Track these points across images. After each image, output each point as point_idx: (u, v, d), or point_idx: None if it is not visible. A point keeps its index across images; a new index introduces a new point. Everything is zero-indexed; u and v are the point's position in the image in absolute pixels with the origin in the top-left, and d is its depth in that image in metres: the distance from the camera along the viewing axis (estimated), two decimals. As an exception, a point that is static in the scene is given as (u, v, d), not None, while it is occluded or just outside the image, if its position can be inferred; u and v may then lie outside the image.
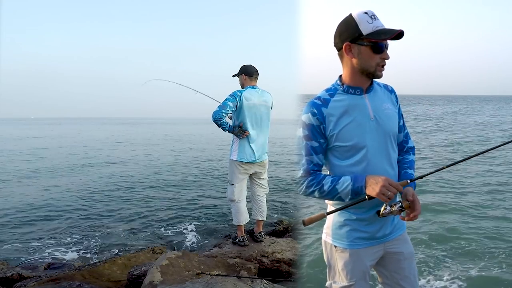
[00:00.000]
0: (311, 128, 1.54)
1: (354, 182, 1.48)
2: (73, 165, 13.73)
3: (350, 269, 1.65)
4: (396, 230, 1.69)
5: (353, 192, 1.48)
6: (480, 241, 4.78)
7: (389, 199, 1.42)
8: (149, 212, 7.16)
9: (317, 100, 1.56)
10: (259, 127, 3.81)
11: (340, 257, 1.66)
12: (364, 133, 1.54)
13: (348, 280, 1.65)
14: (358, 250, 1.63)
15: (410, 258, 1.73)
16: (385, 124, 1.58)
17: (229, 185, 3.88)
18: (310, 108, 1.54)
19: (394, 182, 1.44)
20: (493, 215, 5.81)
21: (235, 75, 3.94)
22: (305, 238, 4.60)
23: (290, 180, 9.93)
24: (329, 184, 1.52)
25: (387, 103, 1.63)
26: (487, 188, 7.57)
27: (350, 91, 1.56)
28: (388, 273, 1.73)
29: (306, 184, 1.56)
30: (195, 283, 2.72)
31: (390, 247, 1.68)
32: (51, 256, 5.03)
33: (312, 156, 1.56)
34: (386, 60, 1.50)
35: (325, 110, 1.53)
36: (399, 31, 1.42)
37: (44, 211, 7.20)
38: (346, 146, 1.54)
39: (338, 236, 1.66)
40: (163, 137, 31.61)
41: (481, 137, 17.13)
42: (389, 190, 1.41)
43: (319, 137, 1.54)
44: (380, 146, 1.57)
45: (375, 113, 1.57)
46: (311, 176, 1.56)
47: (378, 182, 1.43)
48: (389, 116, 1.61)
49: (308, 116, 1.53)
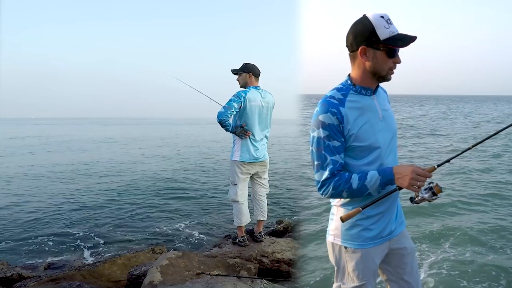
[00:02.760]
0: (332, 128, 1.51)
1: (383, 176, 1.50)
2: (73, 165, 13.74)
3: (362, 269, 1.65)
4: (399, 226, 1.72)
5: (382, 186, 1.52)
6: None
7: (419, 188, 1.47)
8: (149, 212, 7.17)
9: (332, 99, 1.54)
10: (261, 127, 3.81)
11: (351, 258, 1.65)
12: (377, 133, 1.57)
13: (360, 280, 1.66)
14: (368, 249, 1.65)
15: (412, 253, 1.76)
16: (391, 124, 1.65)
17: (232, 186, 3.87)
18: (328, 107, 1.52)
19: (422, 171, 1.46)
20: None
21: (236, 72, 3.86)
22: (305, 238, 4.61)
23: (291, 180, 9.94)
24: (358, 182, 1.51)
25: (387, 104, 1.70)
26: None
27: (362, 92, 1.58)
28: (392, 269, 1.76)
29: (333, 185, 1.53)
30: (195, 283, 2.73)
31: (394, 243, 1.71)
32: (51, 256, 5.04)
33: (336, 156, 1.54)
34: (398, 64, 1.53)
35: (342, 109, 1.52)
36: (414, 38, 1.47)
37: (44, 211, 7.20)
38: (362, 146, 1.55)
39: (349, 237, 1.65)
40: (163, 137, 31.61)
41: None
42: (418, 180, 1.45)
43: (340, 136, 1.53)
44: (389, 145, 1.62)
45: (383, 113, 1.62)
46: (336, 177, 1.54)
47: (406, 172, 1.46)
48: (391, 116, 1.68)
49: (328, 115, 1.51)
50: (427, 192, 1.50)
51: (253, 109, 3.71)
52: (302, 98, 49.10)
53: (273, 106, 3.92)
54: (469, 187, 7.40)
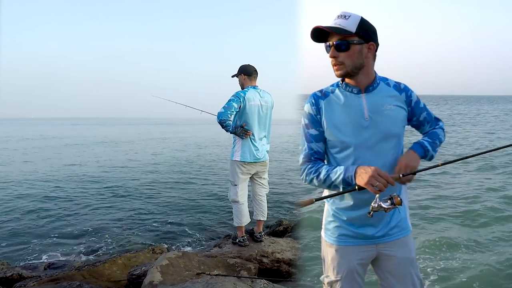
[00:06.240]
0: (310, 117, 1.62)
1: (345, 171, 1.48)
2: (72, 165, 13.74)
3: (336, 264, 1.69)
4: (394, 233, 1.65)
5: (344, 182, 1.49)
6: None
7: (380, 191, 1.39)
8: (149, 212, 7.17)
9: (318, 92, 1.64)
10: (261, 127, 3.81)
11: (328, 251, 1.72)
12: (354, 132, 1.56)
13: (335, 275, 1.70)
14: (344, 247, 1.67)
15: (406, 263, 1.68)
16: (382, 125, 1.56)
17: (232, 186, 3.87)
18: (310, 98, 1.64)
19: (384, 174, 1.40)
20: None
21: (234, 76, 3.94)
22: (305, 238, 4.60)
23: (291, 180, 9.94)
24: (324, 173, 1.55)
25: (390, 104, 1.59)
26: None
27: (348, 89, 1.59)
28: (382, 274, 1.72)
29: (306, 171, 1.61)
30: (195, 283, 2.73)
31: (383, 248, 1.66)
32: (51, 256, 5.04)
33: (312, 143, 1.62)
34: (332, 59, 1.53)
35: (322, 102, 1.61)
36: (313, 29, 1.49)
37: (44, 211, 7.20)
38: (331, 141, 1.61)
39: (328, 231, 1.72)
40: (162, 137, 31.61)
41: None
42: (377, 181, 1.38)
43: (318, 126, 1.61)
44: (372, 145, 1.56)
45: (372, 113, 1.56)
46: (310, 164, 1.61)
47: (367, 171, 1.41)
48: (389, 117, 1.58)
49: (308, 106, 1.63)
50: (386, 201, 1.44)
51: (252, 109, 3.72)
52: (303, 98, 48.97)
53: (272, 106, 3.92)
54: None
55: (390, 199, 1.44)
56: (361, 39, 1.50)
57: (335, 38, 1.50)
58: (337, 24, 1.48)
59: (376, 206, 1.44)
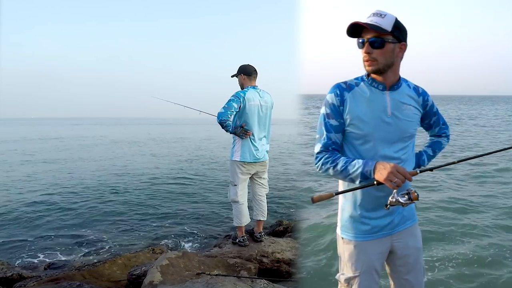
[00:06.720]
0: (332, 108, 1.62)
1: (364, 165, 1.52)
2: (72, 165, 13.74)
3: (355, 260, 1.69)
4: (404, 221, 1.71)
5: (362, 175, 1.52)
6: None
7: (397, 186, 1.44)
8: (149, 212, 7.17)
9: (342, 83, 1.64)
10: (261, 127, 3.81)
11: (346, 248, 1.72)
12: (376, 126, 1.59)
13: (353, 271, 1.70)
14: (362, 242, 1.68)
15: (415, 253, 1.75)
16: (402, 123, 1.63)
17: (232, 186, 3.87)
18: (334, 89, 1.63)
19: (403, 170, 1.46)
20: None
21: (234, 76, 3.94)
22: (305, 238, 4.61)
23: (291, 180, 9.94)
24: (342, 164, 1.56)
25: (409, 105, 1.66)
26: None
27: (373, 85, 1.62)
28: (394, 266, 1.77)
29: (323, 160, 1.62)
30: (195, 283, 2.73)
31: (396, 240, 1.71)
32: (51, 256, 5.04)
33: (331, 134, 1.63)
34: (366, 54, 1.55)
35: (346, 94, 1.61)
36: (350, 24, 1.51)
37: (44, 211, 7.20)
38: (357, 133, 1.61)
39: (345, 228, 1.72)
40: (162, 137, 31.61)
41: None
42: (396, 177, 1.43)
43: (339, 117, 1.62)
44: (391, 142, 1.62)
45: (394, 110, 1.62)
46: (328, 153, 1.62)
47: (386, 167, 1.46)
48: (408, 116, 1.65)
49: (332, 96, 1.62)
50: (404, 196, 1.50)
51: (252, 109, 3.72)
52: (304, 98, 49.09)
53: (272, 106, 3.92)
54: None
55: (407, 194, 1.50)
56: (394, 38, 1.54)
57: (370, 35, 1.53)
58: (374, 21, 1.51)
59: (394, 201, 1.50)
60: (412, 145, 1.71)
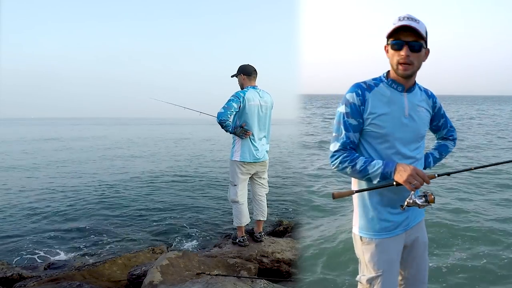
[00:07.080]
0: (353, 107, 1.63)
1: (385, 166, 1.55)
2: (72, 165, 13.74)
3: (377, 260, 1.70)
4: (416, 215, 1.76)
5: (382, 176, 1.55)
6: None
7: (416, 188, 1.49)
8: (149, 212, 7.17)
9: (363, 83, 1.67)
10: (261, 127, 3.81)
11: (366, 248, 1.72)
12: (396, 126, 1.63)
13: (376, 271, 1.70)
14: (383, 240, 1.69)
15: (422, 246, 1.80)
16: (417, 124, 1.68)
17: (231, 186, 3.87)
18: (355, 88, 1.65)
19: (422, 173, 1.50)
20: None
21: (234, 76, 3.93)
22: (305, 238, 4.61)
23: (290, 179, 9.94)
24: (362, 164, 1.59)
25: (422, 106, 1.73)
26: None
27: (393, 86, 1.66)
28: (405, 262, 1.80)
29: (341, 159, 1.63)
30: (195, 283, 2.73)
31: (409, 236, 1.75)
32: (51, 256, 5.04)
33: (349, 133, 1.65)
34: (403, 57, 1.55)
35: (368, 94, 1.64)
36: (399, 27, 1.52)
37: (44, 211, 7.19)
38: (377, 133, 1.64)
39: (364, 227, 1.73)
40: (161, 137, 31.61)
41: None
42: (415, 179, 1.47)
43: (358, 116, 1.64)
44: (408, 142, 1.66)
45: (411, 111, 1.66)
46: (346, 152, 1.64)
47: (406, 170, 1.50)
48: (422, 118, 1.71)
49: (353, 95, 1.64)
50: (421, 198, 1.54)
51: (252, 109, 3.71)
52: (303, 98, 49.04)
53: (272, 106, 3.92)
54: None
55: (424, 196, 1.55)
56: (425, 44, 1.59)
57: (410, 38, 1.54)
58: (411, 25, 1.52)
59: (411, 202, 1.55)
60: (423, 145, 1.75)
